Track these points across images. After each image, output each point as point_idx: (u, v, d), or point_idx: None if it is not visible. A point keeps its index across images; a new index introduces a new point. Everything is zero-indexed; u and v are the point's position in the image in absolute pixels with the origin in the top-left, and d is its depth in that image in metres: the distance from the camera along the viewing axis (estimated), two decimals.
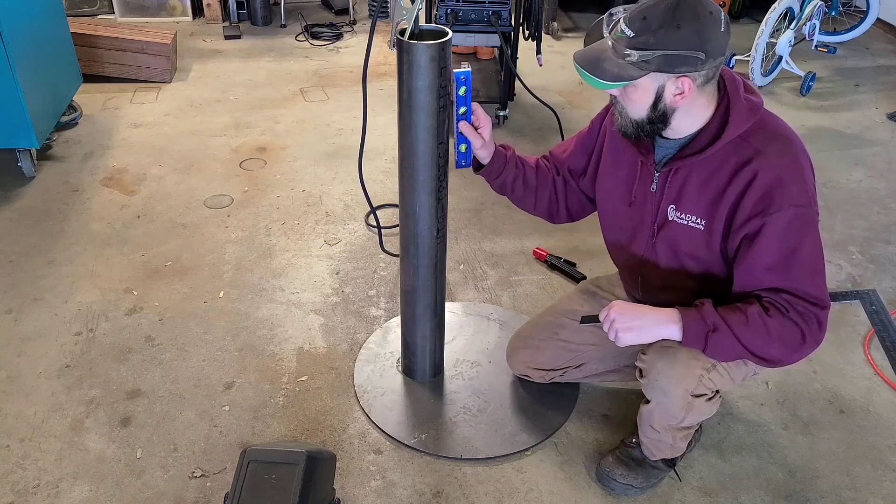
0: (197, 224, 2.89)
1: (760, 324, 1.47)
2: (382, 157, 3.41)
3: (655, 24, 1.38)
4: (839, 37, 4.91)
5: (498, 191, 1.92)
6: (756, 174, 1.46)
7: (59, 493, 1.83)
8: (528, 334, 2.08)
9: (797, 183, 1.46)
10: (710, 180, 1.53)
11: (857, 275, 2.71)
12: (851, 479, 1.93)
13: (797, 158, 1.49)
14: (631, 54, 1.40)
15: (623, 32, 1.41)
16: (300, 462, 1.58)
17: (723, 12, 1.41)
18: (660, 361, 1.63)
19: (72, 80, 3.52)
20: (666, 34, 1.37)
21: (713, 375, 1.61)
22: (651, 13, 1.38)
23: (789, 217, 1.45)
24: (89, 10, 4.97)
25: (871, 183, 3.37)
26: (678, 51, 1.38)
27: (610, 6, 5.18)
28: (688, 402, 1.63)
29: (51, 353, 2.25)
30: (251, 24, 5.08)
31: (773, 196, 1.45)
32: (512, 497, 1.86)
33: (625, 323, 1.54)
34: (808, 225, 1.47)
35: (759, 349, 1.49)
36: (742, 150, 1.49)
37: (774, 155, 1.47)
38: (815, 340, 1.50)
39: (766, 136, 1.49)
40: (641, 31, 1.39)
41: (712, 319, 1.49)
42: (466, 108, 1.70)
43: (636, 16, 1.40)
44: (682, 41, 1.37)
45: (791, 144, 1.50)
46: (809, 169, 1.52)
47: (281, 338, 2.34)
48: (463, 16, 3.48)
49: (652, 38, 1.38)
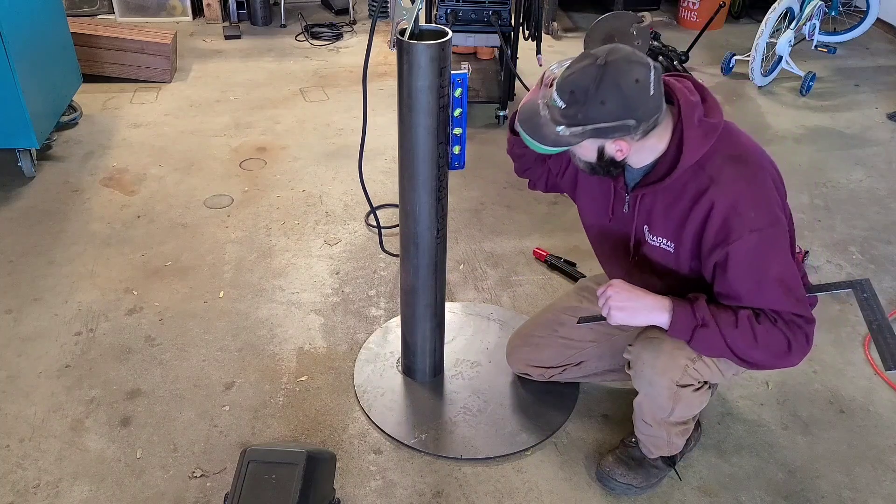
0: (197, 224, 2.89)
1: (748, 328, 1.48)
2: (382, 157, 3.41)
3: (582, 98, 1.40)
4: (839, 37, 4.91)
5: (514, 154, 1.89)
6: (713, 204, 1.47)
7: (59, 493, 1.83)
8: (528, 332, 2.08)
9: (755, 207, 1.46)
10: (674, 206, 1.55)
11: (858, 275, 2.71)
12: (851, 479, 1.94)
13: (754, 180, 1.48)
14: (564, 131, 1.43)
15: (555, 101, 1.43)
16: (300, 462, 1.58)
17: (652, 71, 1.40)
18: (645, 352, 1.65)
19: (72, 80, 3.52)
20: (592, 110, 1.40)
21: (699, 366, 1.62)
22: (578, 86, 1.40)
23: (751, 243, 1.45)
24: (89, 10, 4.97)
25: (871, 183, 3.37)
26: (607, 122, 1.41)
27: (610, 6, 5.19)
28: (674, 393, 1.64)
29: (51, 353, 2.25)
30: (251, 24, 5.07)
31: (731, 225, 1.46)
32: (512, 497, 1.86)
33: (619, 302, 1.57)
34: (773, 246, 1.48)
35: (743, 352, 1.50)
36: (699, 177, 1.50)
37: (728, 182, 1.47)
38: (801, 352, 1.50)
39: (721, 161, 1.49)
40: (570, 103, 1.41)
41: (702, 315, 1.50)
42: (462, 109, 1.70)
43: (565, 86, 1.42)
44: (609, 114, 1.40)
45: (746, 166, 1.50)
46: (771, 187, 1.51)
47: (281, 338, 2.34)
48: (463, 16, 3.48)
49: (580, 114, 1.41)
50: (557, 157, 1.83)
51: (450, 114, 1.70)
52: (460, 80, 1.66)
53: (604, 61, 1.39)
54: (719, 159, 1.49)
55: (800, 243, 2.80)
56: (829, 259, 2.79)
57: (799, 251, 2.73)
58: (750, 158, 1.52)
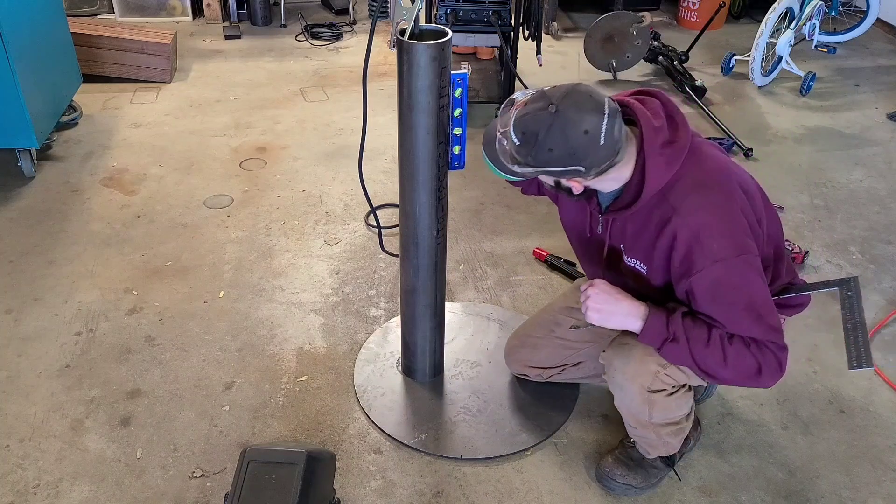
0: (197, 224, 2.89)
1: (719, 348, 1.48)
2: (382, 157, 3.41)
3: (532, 141, 1.41)
4: (839, 37, 4.91)
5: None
6: (676, 234, 1.47)
7: (59, 493, 1.83)
8: (525, 333, 2.08)
9: (717, 236, 1.44)
10: (642, 233, 1.55)
11: (857, 275, 2.71)
12: (851, 479, 1.94)
13: (717, 208, 1.46)
14: (516, 169, 1.46)
15: (511, 136, 1.44)
16: (300, 462, 1.58)
17: (605, 119, 1.39)
18: (616, 358, 1.67)
19: (72, 80, 3.52)
20: (540, 154, 1.41)
21: (671, 371, 1.62)
22: (529, 129, 1.41)
23: (714, 275, 1.45)
24: (89, 10, 4.97)
25: (871, 183, 3.37)
26: (556, 167, 1.42)
27: (610, 6, 5.19)
28: (645, 398, 1.65)
29: (51, 353, 2.25)
30: (251, 24, 5.07)
31: (693, 257, 1.45)
32: (512, 497, 1.86)
33: (597, 304, 1.58)
34: (739, 274, 1.46)
35: (711, 369, 1.50)
36: (662, 206, 1.49)
37: (691, 212, 1.46)
38: (771, 377, 1.50)
39: (684, 189, 1.48)
40: (523, 143, 1.42)
41: (674, 329, 1.50)
42: (462, 109, 1.70)
43: (518, 126, 1.43)
44: (557, 161, 1.41)
45: (710, 193, 1.47)
46: (737, 211, 1.48)
47: (281, 338, 2.34)
48: (463, 16, 3.48)
49: (530, 157, 1.42)
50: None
51: (450, 114, 1.70)
52: (460, 80, 1.66)
53: (555, 109, 1.39)
54: (682, 187, 1.48)
55: (799, 243, 2.81)
56: (829, 259, 2.79)
57: (799, 251, 2.73)
58: (715, 184, 1.49)
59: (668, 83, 4.29)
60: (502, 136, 1.47)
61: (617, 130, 1.41)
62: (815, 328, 2.42)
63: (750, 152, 3.50)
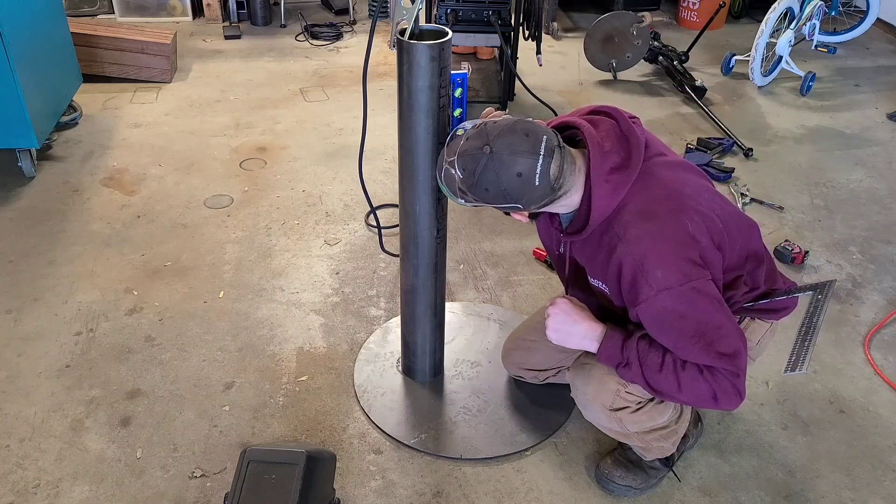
0: (197, 224, 2.89)
1: (672, 374, 1.47)
2: (382, 157, 3.41)
3: (470, 178, 1.42)
4: (839, 37, 4.91)
5: None
6: (621, 264, 1.45)
7: (59, 493, 1.83)
8: (520, 336, 2.09)
9: (661, 265, 1.41)
10: (596, 257, 1.54)
11: (858, 275, 2.71)
12: (851, 479, 1.94)
13: (660, 236, 1.43)
14: (465, 201, 1.47)
15: (456, 169, 1.44)
16: (300, 462, 1.58)
17: (540, 161, 1.39)
18: (577, 378, 1.69)
19: (72, 80, 3.52)
20: (478, 192, 1.43)
21: (632, 388, 1.61)
22: (467, 166, 1.42)
23: (659, 304, 1.42)
24: (89, 10, 4.97)
25: (871, 183, 3.37)
26: (495, 205, 1.44)
27: (610, 6, 5.19)
28: (609, 415, 1.66)
29: (51, 353, 2.25)
30: (251, 24, 5.07)
31: (638, 286, 1.44)
32: (512, 497, 1.86)
33: (555, 325, 1.59)
34: (687, 302, 1.42)
35: (665, 394, 1.51)
36: (609, 234, 1.48)
37: (633, 241, 1.44)
38: (728, 403, 1.48)
39: (629, 217, 1.45)
40: (465, 178, 1.43)
41: (628, 354, 1.51)
42: (462, 109, 1.70)
43: (459, 161, 1.43)
44: (495, 199, 1.43)
45: (655, 221, 1.44)
46: (685, 237, 1.43)
47: (281, 338, 2.34)
48: (463, 16, 3.48)
49: (470, 193, 1.44)
50: None
51: (450, 114, 1.70)
52: (460, 80, 1.67)
53: (490, 150, 1.39)
54: (628, 214, 1.45)
55: (800, 243, 2.80)
56: (829, 259, 2.79)
57: (799, 251, 2.73)
58: (663, 210, 1.45)
59: (668, 83, 4.29)
60: (449, 165, 1.46)
61: (555, 169, 1.40)
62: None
63: (750, 152, 3.50)
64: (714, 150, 3.48)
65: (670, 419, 1.72)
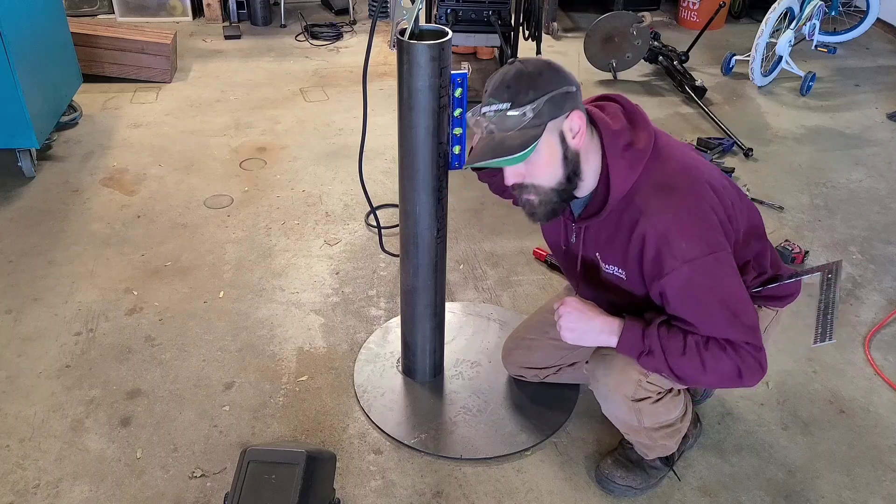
0: (197, 224, 2.89)
1: (696, 355, 1.47)
2: (382, 157, 3.41)
3: (522, 81, 1.41)
4: (839, 37, 4.91)
5: (485, 182, 1.94)
6: (644, 237, 1.45)
7: (59, 493, 1.83)
8: (520, 335, 2.09)
9: (685, 236, 1.42)
10: (614, 238, 1.54)
11: (858, 275, 2.71)
12: (851, 479, 1.94)
13: (681, 208, 1.44)
14: (524, 112, 1.40)
15: (499, 109, 1.42)
16: (300, 462, 1.58)
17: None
18: (598, 369, 1.67)
19: (72, 80, 3.52)
20: (536, 82, 1.41)
21: (654, 378, 1.61)
22: (510, 81, 1.42)
23: (684, 275, 1.43)
24: (89, 10, 4.97)
25: (871, 183, 3.37)
26: (555, 90, 1.41)
27: (610, 6, 5.19)
28: (630, 406, 1.65)
29: (51, 353, 2.25)
30: (251, 24, 5.07)
31: (663, 258, 1.44)
32: (512, 497, 1.86)
33: (570, 323, 1.57)
34: (711, 274, 1.44)
35: (690, 378, 1.50)
36: (630, 210, 1.48)
37: (656, 213, 1.44)
38: (752, 378, 1.48)
39: (649, 190, 1.46)
40: (514, 94, 1.41)
41: (649, 342, 1.50)
42: (462, 109, 1.70)
43: (499, 90, 1.43)
44: (551, 82, 1.41)
45: (675, 193, 1.45)
46: (706, 209, 1.46)
47: (281, 338, 2.34)
48: (463, 16, 3.48)
49: (531, 91, 1.41)
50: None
51: (450, 114, 1.70)
52: (460, 80, 1.66)
53: (517, 60, 1.44)
54: (647, 189, 1.46)
55: (800, 243, 2.80)
56: (829, 259, 2.78)
57: (799, 251, 2.73)
58: (681, 183, 1.47)
59: (668, 83, 4.29)
60: (487, 125, 1.44)
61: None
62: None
63: (750, 152, 3.50)
64: (714, 150, 3.48)
65: (678, 416, 1.73)
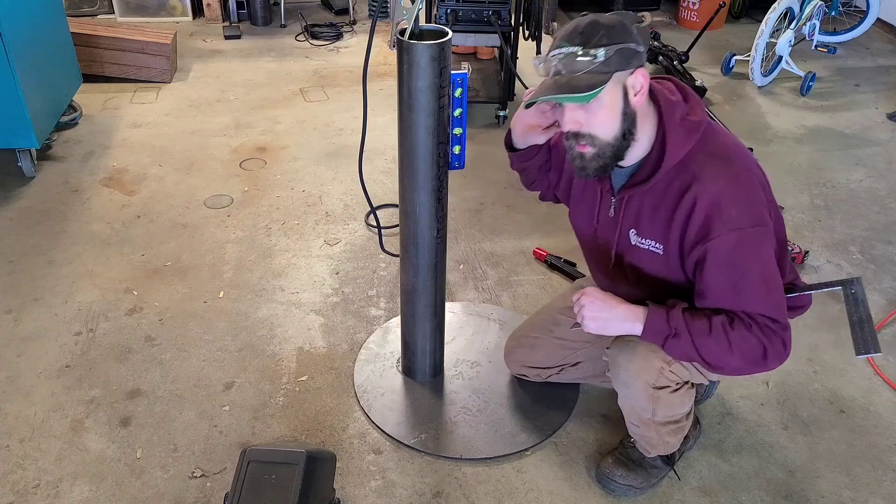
0: (197, 224, 2.89)
1: (722, 334, 1.47)
2: (382, 157, 3.41)
3: (594, 29, 1.42)
4: (839, 37, 4.91)
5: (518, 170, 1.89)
6: (696, 200, 1.47)
7: (59, 493, 1.83)
8: (524, 333, 2.09)
9: (737, 205, 1.45)
10: (660, 207, 1.54)
11: (858, 275, 2.71)
12: (851, 479, 1.94)
13: (737, 178, 1.47)
14: (594, 55, 1.40)
15: (570, 52, 1.43)
16: (300, 462, 1.58)
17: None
18: (620, 355, 1.66)
19: (72, 80, 3.52)
20: (608, 33, 1.42)
21: (675, 368, 1.62)
22: (583, 28, 1.42)
23: (731, 242, 1.45)
24: (89, 10, 4.97)
25: (871, 183, 3.37)
26: (624, 43, 1.42)
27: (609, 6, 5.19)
28: (650, 395, 1.64)
29: (51, 353, 2.25)
30: (251, 24, 5.07)
31: (712, 222, 1.45)
32: (512, 497, 1.86)
33: (593, 312, 1.57)
34: (754, 247, 1.46)
35: (717, 359, 1.50)
36: (682, 175, 1.49)
37: (711, 179, 1.46)
38: (777, 358, 1.50)
39: (704, 158, 1.49)
40: (586, 40, 1.42)
41: (675, 324, 1.50)
42: (462, 109, 1.70)
43: (571, 35, 1.43)
44: (623, 36, 1.42)
45: (730, 164, 1.49)
46: (756, 186, 1.50)
47: (281, 338, 2.34)
48: (463, 16, 3.48)
49: (603, 39, 1.41)
50: (557, 165, 1.83)
51: (450, 114, 1.70)
52: (460, 80, 1.66)
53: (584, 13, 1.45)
54: (703, 157, 1.49)
55: (799, 243, 2.80)
56: (829, 259, 2.79)
57: (799, 251, 2.73)
58: (735, 157, 1.51)
59: None
60: (557, 63, 1.45)
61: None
62: (815, 328, 2.42)
63: (750, 152, 3.49)
64: None
65: (686, 412, 1.74)
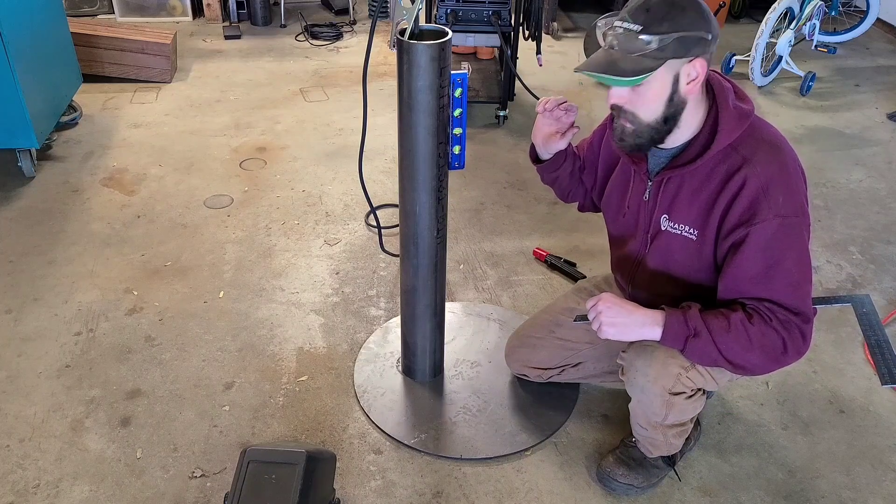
0: (197, 224, 2.89)
1: (742, 331, 1.47)
2: (382, 157, 3.41)
3: (663, 10, 1.38)
4: (839, 37, 4.91)
5: (549, 182, 1.92)
6: (745, 182, 1.46)
7: (59, 493, 1.83)
8: (525, 333, 2.08)
9: (784, 192, 1.46)
10: (702, 190, 1.53)
11: (858, 275, 2.71)
12: (851, 479, 1.94)
13: (786, 167, 1.48)
14: (650, 41, 1.37)
15: (629, 29, 1.40)
16: (300, 462, 1.58)
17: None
18: (638, 359, 1.65)
19: (72, 80, 3.52)
20: (676, 17, 1.38)
21: (692, 374, 1.61)
22: (652, 5, 1.39)
23: (774, 228, 1.45)
24: (89, 10, 4.97)
25: (871, 183, 3.37)
26: (690, 31, 1.38)
27: (610, 6, 5.19)
28: (666, 400, 1.64)
29: (51, 353, 2.25)
30: (251, 24, 5.08)
31: (759, 206, 1.45)
32: (512, 497, 1.86)
33: (610, 318, 1.56)
34: (794, 236, 1.47)
35: (738, 357, 1.49)
36: (731, 158, 1.49)
37: (762, 163, 1.47)
38: (797, 351, 1.49)
39: (755, 143, 1.49)
40: (649, 21, 1.38)
41: (694, 324, 1.50)
42: (462, 109, 1.70)
43: (638, 11, 1.40)
44: (692, 23, 1.38)
45: (780, 152, 1.50)
46: (800, 178, 1.51)
47: (281, 338, 2.34)
48: (463, 16, 3.48)
49: (666, 23, 1.37)
50: (591, 169, 1.84)
51: (450, 114, 1.70)
52: (460, 80, 1.66)
53: None
54: (753, 141, 1.49)
55: None
56: (829, 259, 2.79)
57: None
58: (783, 146, 1.52)
59: None
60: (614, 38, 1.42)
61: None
62: (814, 328, 2.41)
63: None
64: None
65: (693, 416, 1.74)
